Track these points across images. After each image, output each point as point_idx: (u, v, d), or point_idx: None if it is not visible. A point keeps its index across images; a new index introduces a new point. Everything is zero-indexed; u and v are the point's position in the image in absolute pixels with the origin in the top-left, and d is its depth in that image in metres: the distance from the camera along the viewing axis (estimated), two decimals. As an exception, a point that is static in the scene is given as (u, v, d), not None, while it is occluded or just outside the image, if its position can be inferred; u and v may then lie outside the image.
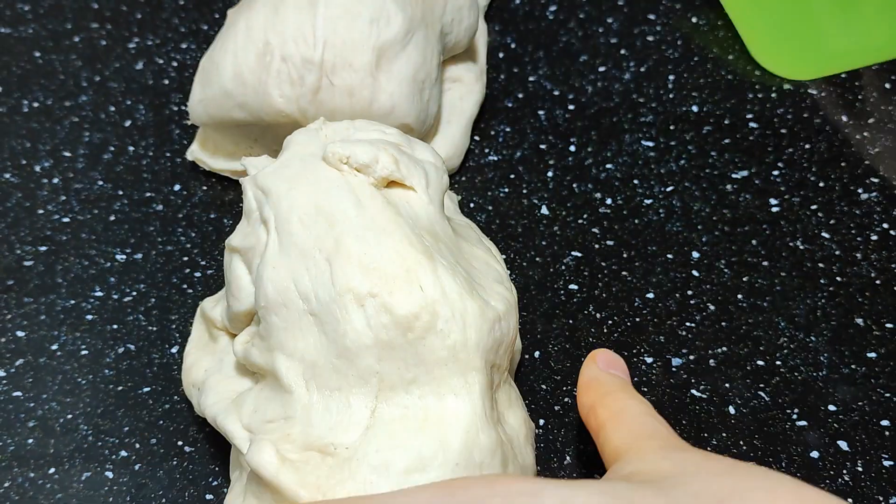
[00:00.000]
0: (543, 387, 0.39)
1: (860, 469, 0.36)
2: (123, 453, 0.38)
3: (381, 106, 0.42)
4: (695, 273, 0.44)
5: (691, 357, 0.40)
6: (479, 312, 0.31)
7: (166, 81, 0.54)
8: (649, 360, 0.40)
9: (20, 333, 0.42)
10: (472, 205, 0.47)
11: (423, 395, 0.30)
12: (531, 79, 0.54)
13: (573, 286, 0.43)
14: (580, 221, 0.46)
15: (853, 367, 0.40)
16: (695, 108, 0.52)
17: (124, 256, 0.45)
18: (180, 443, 0.38)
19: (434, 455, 0.29)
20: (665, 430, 0.30)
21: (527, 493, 0.23)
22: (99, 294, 0.44)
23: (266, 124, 0.43)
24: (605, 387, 0.33)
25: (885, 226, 0.46)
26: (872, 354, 0.40)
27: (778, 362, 0.40)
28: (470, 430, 0.29)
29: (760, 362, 0.40)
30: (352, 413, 0.29)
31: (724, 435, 0.38)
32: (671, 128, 0.51)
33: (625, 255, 0.45)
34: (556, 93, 0.53)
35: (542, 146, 0.50)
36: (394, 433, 0.29)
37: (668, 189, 0.48)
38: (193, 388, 0.36)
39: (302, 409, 0.30)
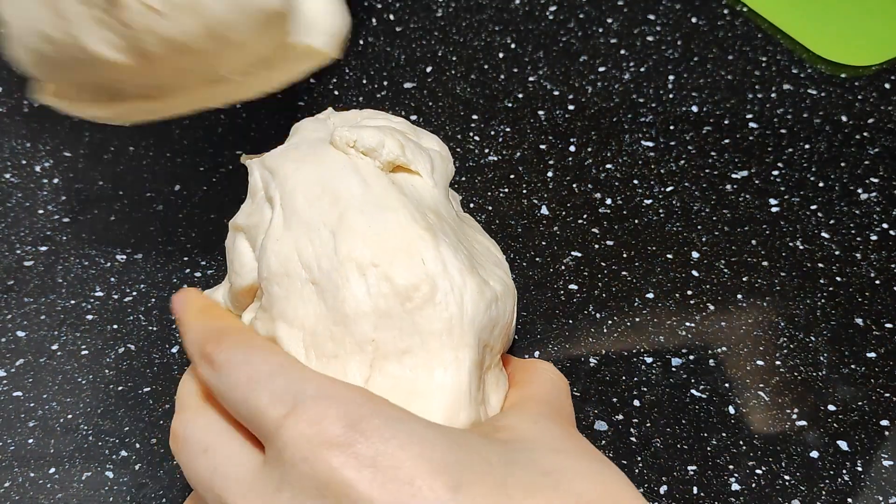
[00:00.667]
0: (543, 387, 0.40)
1: (860, 469, 0.36)
2: (124, 453, 0.38)
3: None
4: (695, 273, 0.44)
5: (691, 357, 0.40)
6: (478, 290, 0.31)
7: (166, 81, 0.54)
8: (649, 360, 0.40)
9: (20, 333, 0.42)
10: (472, 205, 0.47)
11: (415, 366, 0.30)
12: (531, 79, 0.54)
13: (573, 286, 0.43)
14: (580, 221, 0.46)
15: (853, 367, 0.40)
16: (695, 108, 0.52)
17: (124, 256, 0.45)
18: (180, 443, 0.38)
19: None
20: (556, 390, 0.32)
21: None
22: (99, 294, 0.44)
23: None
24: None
25: (885, 226, 0.46)
26: (872, 354, 0.40)
27: (778, 362, 0.40)
28: (452, 407, 0.30)
29: (760, 362, 0.40)
30: (348, 381, 0.30)
31: (724, 435, 0.38)
32: (671, 128, 0.51)
33: (625, 255, 0.45)
34: (556, 93, 0.53)
35: (542, 146, 0.50)
36: None
37: (668, 189, 0.48)
38: None
39: None
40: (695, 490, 0.36)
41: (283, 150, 0.35)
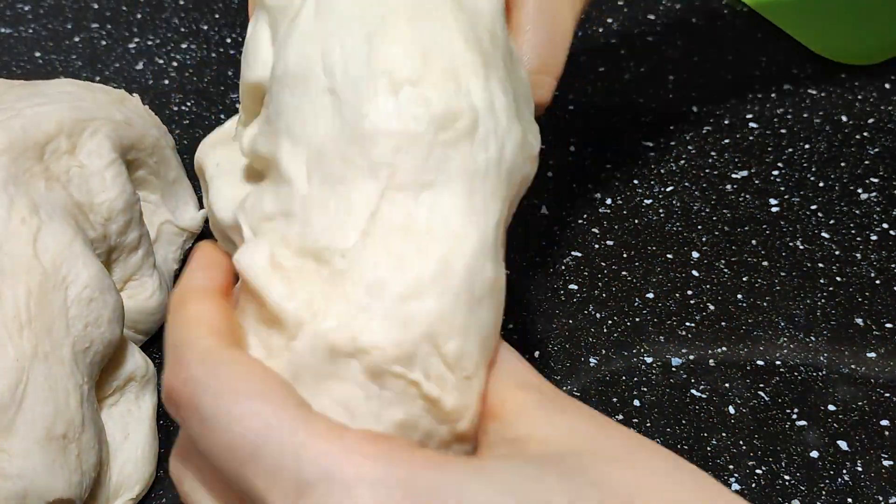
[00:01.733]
0: (543, 387, 0.39)
1: (860, 469, 0.36)
2: (123, 453, 0.38)
3: (11, 487, 0.30)
4: (695, 273, 0.44)
5: (691, 357, 0.40)
6: (522, 140, 0.27)
7: (166, 81, 0.54)
8: (649, 360, 0.40)
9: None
10: (472, 205, 0.47)
11: (433, 206, 0.25)
12: (531, 79, 0.54)
13: (573, 286, 0.43)
14: (580, 221, 0.46)
15: (853, 367, 0.40)
16: (695, 108, 0.52)
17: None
18: (180, 442, 0.38)
19: (434, 280, 0.24)
20: (527, 370, 0.26)
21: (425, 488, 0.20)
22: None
23: None
24: None
25: (885, 226, 0.46)
26: (872, 354, 0.40)
27: (778, 362, 0.40)
28: (477, 257, 0.25)
29: (760, 362, 0.40)
30: (351, 211, 0.25)
31: (724, 435, 0.38)
32: (671, 128, 0.51)
33: (625, 255, 0.45)
34: (557, 93, 0.53)
35: (542, 146, 0.50)
36: (392, 246, 0.24)
37: (668, 189, 0.48)
38: (201, 176, 0.32)
39: (300, 203, 0.25)
40: (695, 490, 0.36)
41: None
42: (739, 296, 0.43)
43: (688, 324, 0.42)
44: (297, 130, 0.26)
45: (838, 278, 0.43)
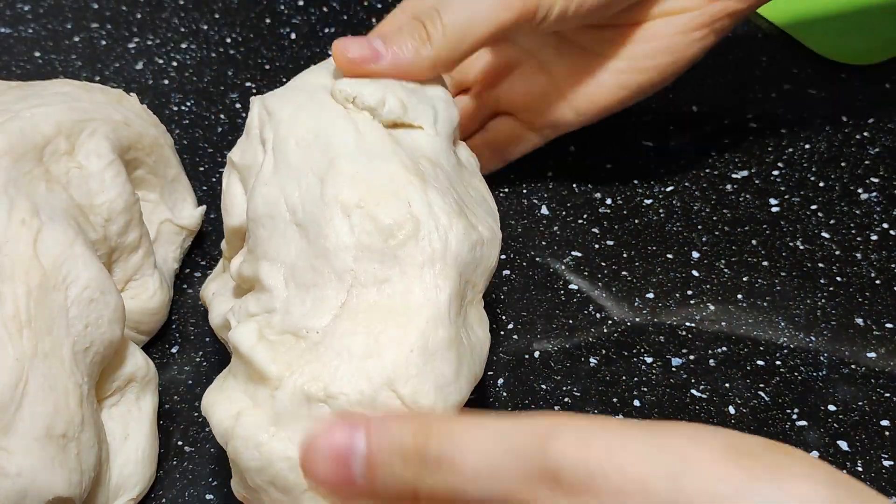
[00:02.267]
0: (543, 387, 0.39)
1: (860, 469, 0.36)
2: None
3: (11, 486, 0.30)
4: (695, 273, 0.44)
5: (691, 357, 0.40)
6: (464, 232, 0.31)
7: (166, 81, 0.54)
8: (649, 360, 0.40)
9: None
10: (472, 205, 0.47)
11: (392, 294, 0.30)
12: (531, 79, 0.54)
13: (573, 286, 0.43)
14: (580, 221, 0.46)
15: (853, 367, 0.40)
16: (695, 108, 0.52)
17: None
18: (180, 443, 0.38)
19: (391, 341, 0.29)
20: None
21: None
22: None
23: None
24: None
25: (885, 226, 0.46)
26: (872, 354, 0.40)
27: (778, 362, 0.40)
28: (430, 321, 0.30)
29: (760, 362, 0.40)
30: (324, 302, 0.30)
31: (724, 435, 0.38)
32: (671, 128, 0.51)
33: (625, 255, 0.45)
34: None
35: (543, 146, 0.50)
36: (359, 322, 0.30)
37: (668, 189, 0.48)
38: (206, 307, 0.38)
39: (281, 302, 0.31)
40: (695, 490, 0.36)
41: (283, 92, 0.35)
42: (739, 296, 0.43)
43: (688, 324, 0.42)
44: (272, 254, 0.32)
45: (838, 278, 0.43)
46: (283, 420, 0.29)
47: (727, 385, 0.39)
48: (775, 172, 0.48)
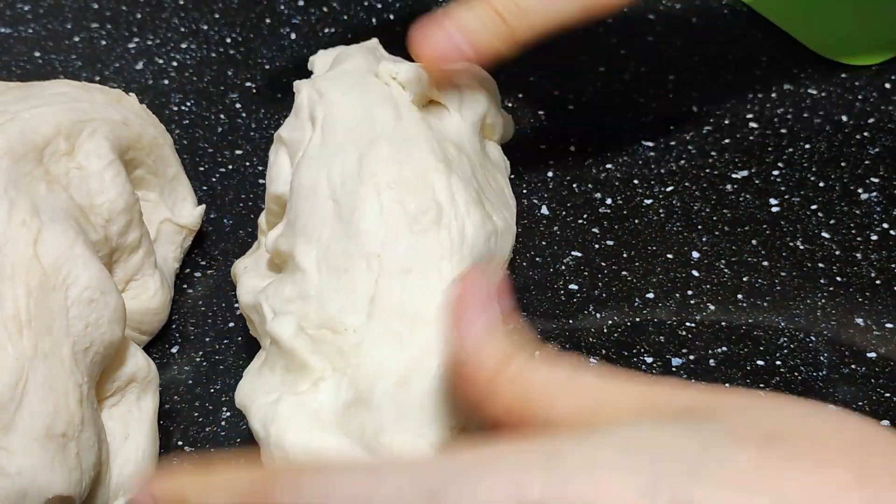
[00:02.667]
0: (543, 387, 0.39)
1: (860, 469, 0.36)
2: (123, 453, 0.38)
3: (11, 485, 0.30)
4: (695, 273, 0.44)
5: (691, 357, 0.40)
6: (480, 221, 0.34)
7: (166, 81, 0.54)
8: (649, 360, 0.40)
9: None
10: (472, 205, 0.47)
11: (417, 289, 0.32)
12: (531, 79, 0.54)
13: (573, 286, 0.43)
14: (580, 221, 0.46)
15: (853, 367, 0.40)
16: (695, 108, 0.52)
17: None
18: (180, 443, 0.38)
19: (417, 364, 0.31)
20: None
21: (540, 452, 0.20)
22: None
23: None
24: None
25: (885, 226, 0.46)
26: (872, 354, 0.40)
27: (778, 362, 0.40)
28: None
29: (760, 362, 0.40)
30: (356, 295, 0.32)
31: (724, 435, 0.38)
32: (671, 128, 0.51)
33: (625, 255, 0.45)
34: (556, 93, 0.53)
35: (543, 146, 0.50)
36: (390, 329, 0.32)
37: (668, 189, 0.48)
38: (235, 280, 0.39)
39: (315, 289, 0.33)
40: (695, 490, 0.36)
41: (333, 76, 0.38)
42: (739, 296, 0.43)
43: (688, 324, 0.42)
44: (309, 230, 0.34)
45: (838, 278, 0.43)
46: (326, 417, 0.31)
47: (727, 385, 0.39)
48: (775, 172, 0.48)
